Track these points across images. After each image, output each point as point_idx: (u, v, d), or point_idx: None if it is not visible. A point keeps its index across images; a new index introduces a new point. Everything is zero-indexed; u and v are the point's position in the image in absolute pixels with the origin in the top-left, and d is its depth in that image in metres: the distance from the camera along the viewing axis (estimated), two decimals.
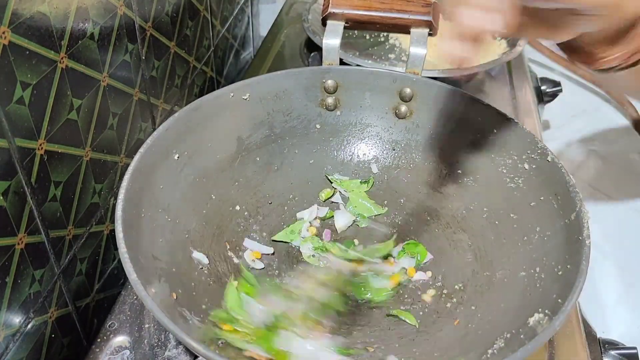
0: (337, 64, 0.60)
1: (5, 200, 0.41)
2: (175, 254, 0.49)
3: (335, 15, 0.59)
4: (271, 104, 0.60)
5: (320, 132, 0.62)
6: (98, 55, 0.51)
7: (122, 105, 0.58)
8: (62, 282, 0.50)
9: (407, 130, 0.61)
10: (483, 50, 0.40)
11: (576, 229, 0.45)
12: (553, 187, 0.50)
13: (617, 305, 0.70)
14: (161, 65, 0.66)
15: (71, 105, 0.48)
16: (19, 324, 0.45)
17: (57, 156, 0.47)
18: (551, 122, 0.98)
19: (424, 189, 0.60)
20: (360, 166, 0.63)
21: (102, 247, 0.58)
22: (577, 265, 0.43)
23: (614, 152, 0.92)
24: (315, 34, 0.85)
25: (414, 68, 0.59)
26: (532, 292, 0.46)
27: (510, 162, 0.54)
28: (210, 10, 0.81)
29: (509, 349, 0.42)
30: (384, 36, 0.94)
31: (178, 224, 0.51)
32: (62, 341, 0.52)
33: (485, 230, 0.54)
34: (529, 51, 1.09)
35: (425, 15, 0.58)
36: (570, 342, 0.53)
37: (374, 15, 0.59)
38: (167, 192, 0.51)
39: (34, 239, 0.45)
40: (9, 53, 0.39)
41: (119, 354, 0.51)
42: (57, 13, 0.44)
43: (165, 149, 0.52)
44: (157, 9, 0.63)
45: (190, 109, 0.54)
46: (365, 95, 0.61)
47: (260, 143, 0.60)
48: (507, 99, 0.86)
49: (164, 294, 0.43)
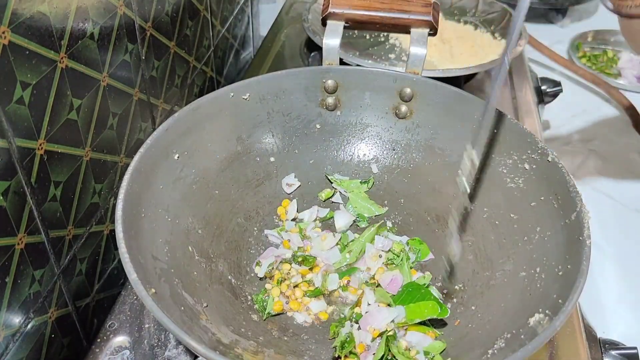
0: (337, 63, 0.60)
1: (5, 200, 0.41)
2: (175, 254, 0.49)
3: (335, 15, 0.59)
4: (271, 104, 0.60)
5: (320, 132, 0.62)
6: (98, 55, 0.51)
7: (122, 105, 0.57)
8: (62, 282, 0.50)
9: (407, 130, 0.61)
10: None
11: (577, 229, 0.45)
12: (553, 187, 0.50)
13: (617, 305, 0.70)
14: (161, 65, 0.66)
15: (71, 105, 0.48)
16: (19, 324, 0.45)
17: (57, 156, 0.47)
18: (551, 122, 0.98)
19: (424, 189, 0.60)
20: (361, 166, 0.63)
21: (102, 247, 0.58)
22: (577, 265, 0.43)
23: (614, 152, 0.92)
24: (315, 33, 0.85)
25: (414, 68, 0.59)
26: (533, 292, 0.46)
27: (510, 162, 0.54)
28: (210, 10, 0.81)
29: (509, 349, 0.42)
30: (384, 36, 0.94)
31: (178, 224, 0.51)
32: (62, 341, 0.52)
33: (485, 230, 0.54)
34: (529, 51, 1.09)
35: (425, 15, 0.58)
36: (571, 342, 0.53)
37: (374, 15, 0.59)
38: (167, 192, 0.51)
39: (34, 239, 0.45)
40: (9, 53, 0.39)
41: (119, 354, 0.51)
42: (57, 13, 0.44)
43: (165, 149, 0.52)
44: (157, 8, 0.63)
45: (190, 109, 0.54)
46: (365, 95, 0.61)
47: (260, 143, 0.60)
48: (507, 99, 0.86)
49: (164, 294, 0.43)
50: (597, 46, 1.16)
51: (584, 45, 1.16)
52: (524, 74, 0.92)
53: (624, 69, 1.09)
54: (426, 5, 0.58)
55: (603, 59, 1.13)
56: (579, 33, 1.17)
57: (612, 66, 1.11)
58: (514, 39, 0.43)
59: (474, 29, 0.95)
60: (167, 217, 0.50)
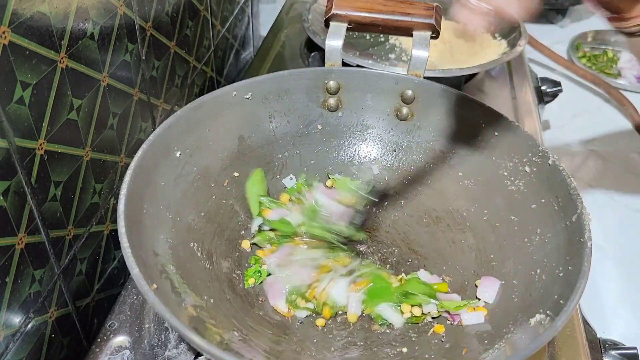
0: (339, 65, 0.60)
1: (5, 200, 0.41)
2: (176, 251, 0.49)
3: (339, 16, 0.59)
4: (273, 104, 0.60)
5: (322, 133, 0.62)
6: (98, 55, 0.51)
7: (122, 105, 0.57)
8: (62, 282, 0.50)
9: (409, 132, 0.61)
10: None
11: (577, 231, 0.45)
12: (554, 190, 0.50)
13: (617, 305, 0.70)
14: (161, 65, 0.66)
15: (71, 105, 0.48)
16: (19, 324, 0.45)
17: (57, 156, 0.47)
18: (551, 122, 0.98)
19: (425, 191, 0.60)
20: (361, 167, 0.63)
21: (102, 247, 0.57)
22: (578, 266, 0.43)
23: (614, 152, 0.92)
24: (315, 34, 0.85)
25: (415, 70, 0.59)
26: (533, 293, 0.46)
27: (511, 165, 0.54)
28: (210, 10, 0.81)
29: (510, 349, 0.42)
30: (384, 36, 0.94)
31: (179, 221, 0.51)
32: (62, 341, 0.52)
33: (485, 232, 0.54)
34: (529, 51, 1.09)
35: (427, 18, 0.58)
36: (571, 342, 0.53)
37: (377, 18, 0.59)
38: (168, 189, 0.51)
39: (34, 239, 0.45)
40: (9, 53, 0.39)
41: (119, 354, 0.51)
42: (57, 13, 0.44)
43: (167, 146, 0.52)
44: (157, 9, 0.63)
45: (193, 107, 0.54)
46: (367, 96, 0.61)
47: (261, 143, 0.60)
48: (507, 99, 0.86)
49: (166, 289, 0.43)
50: (597, 46, 1.16)
51: (584, 45, 1.16)
52: (524, 74, 0.92)
53: (624, 69, 1.09)
54: (428, 8, 0.58)
55: (603, 59, 1.13)
56: (579, 33, 1.17)
57: (612, 66, 1.11)
58: None
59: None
60: (168, 214, 0.50)
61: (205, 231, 0.53)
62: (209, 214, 0.54)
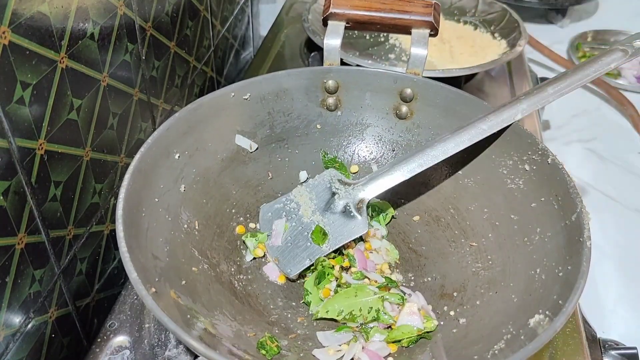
0: (338, 64, 0.60)
1: (6, 200, 0.41)
2: (175, 253, 0.49)
3: (336, 15, 0.59)
4: (272, 104, 0.60)
5: (321, 132, 0.62)
6: (98, 55, 0.51)
7: (122, 105, 0.57)
8: (62, 282, 0.50)
9: (408, 130, 0.61)
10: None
11: (577, 230, 0.45)
12: (554, 189, 0.50)
13: (617, 305, 0.70)
14: (161, 65, 0.66)
15: (71, 105, 0.48)
16: (19, 323, 0.45)
17: (57, 156, 0.47)
18: (551, 122, 0.98)
19: (424, 190, 0.60)
20: (361, 166, 0.63)
21: (102, 247, 0.58)
22: (577, 266, 0.43)
23: (614, 152, 0.92)
24: (315, 34, 0.85)
25: (414, 69, 0.59)
26: (533, 292, 0.46)
27: (510, 164, 0.54)
28: (210, 10, 0.81)
29: (509, 350, 0.42)
30: (383, 36, 0.94)
31: (178, 223, 0.51)
32: (62, 341, 0.52)
33: (485, 231, 0.54)
34: (529, 51, 1.09)
35: (426, 15, 0.58)
36: (571, 342, 0.53)
37: (375, 16, 0.59)
38: (167, 191, 0.51)
39: (34, 239, 0.45)
40: (9, 53, 0.39)
41: (119, 354, 0.51)
42: (57, 13, 0.44)
43: (166, 148, 0.52)
44: (157, 9, 0.63)
45: (191, 109, 0.54)
46: (366, 95, 0.61)
47: (260, 143, 0.60)
48: (507, 98, 0.85)
49: (164, 293, 0.43)
50: (597, 46, 1.16)
51: (584, 45, 1.16)
52: (524, 74, 0.92)
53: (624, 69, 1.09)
54: (427, 6, 0.58)
55: None
56: (579, 33, 1.17)
57: None
58: None
59: (473, 29, 0.95)
60: (167, 217, 0.50)
61: (204, 233, 0.53)
62: (208, 215, 0.54)
